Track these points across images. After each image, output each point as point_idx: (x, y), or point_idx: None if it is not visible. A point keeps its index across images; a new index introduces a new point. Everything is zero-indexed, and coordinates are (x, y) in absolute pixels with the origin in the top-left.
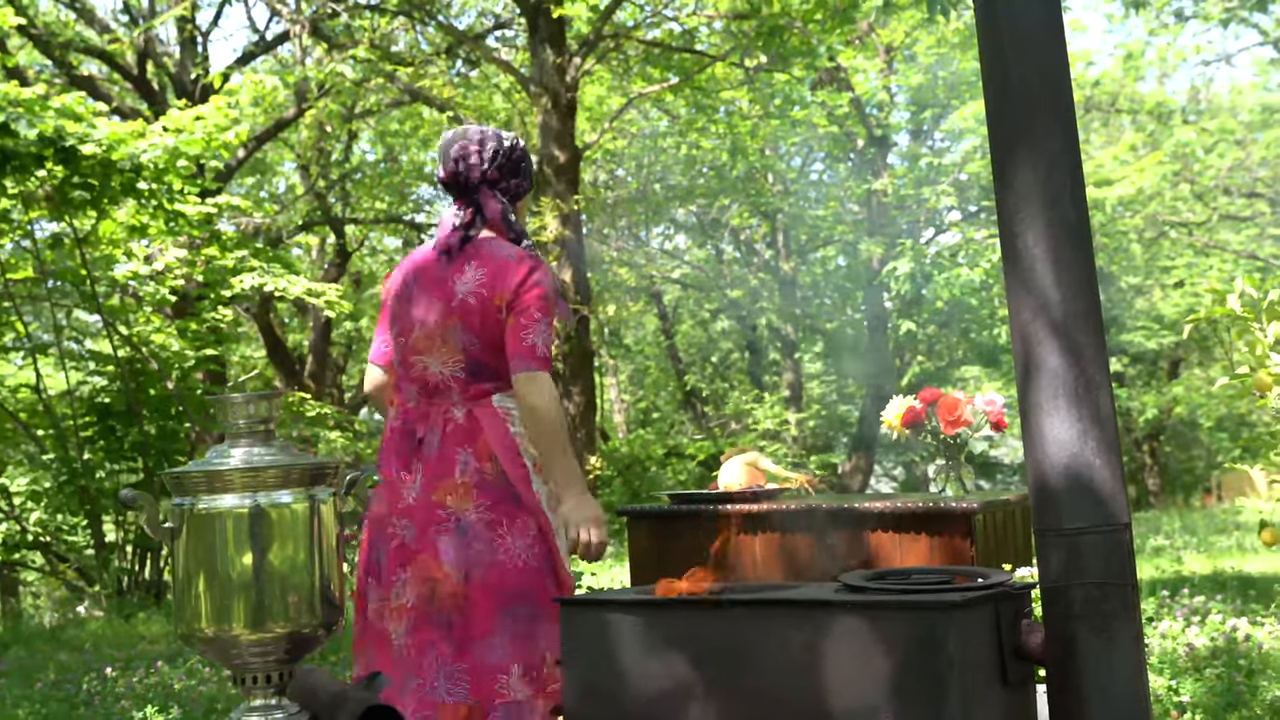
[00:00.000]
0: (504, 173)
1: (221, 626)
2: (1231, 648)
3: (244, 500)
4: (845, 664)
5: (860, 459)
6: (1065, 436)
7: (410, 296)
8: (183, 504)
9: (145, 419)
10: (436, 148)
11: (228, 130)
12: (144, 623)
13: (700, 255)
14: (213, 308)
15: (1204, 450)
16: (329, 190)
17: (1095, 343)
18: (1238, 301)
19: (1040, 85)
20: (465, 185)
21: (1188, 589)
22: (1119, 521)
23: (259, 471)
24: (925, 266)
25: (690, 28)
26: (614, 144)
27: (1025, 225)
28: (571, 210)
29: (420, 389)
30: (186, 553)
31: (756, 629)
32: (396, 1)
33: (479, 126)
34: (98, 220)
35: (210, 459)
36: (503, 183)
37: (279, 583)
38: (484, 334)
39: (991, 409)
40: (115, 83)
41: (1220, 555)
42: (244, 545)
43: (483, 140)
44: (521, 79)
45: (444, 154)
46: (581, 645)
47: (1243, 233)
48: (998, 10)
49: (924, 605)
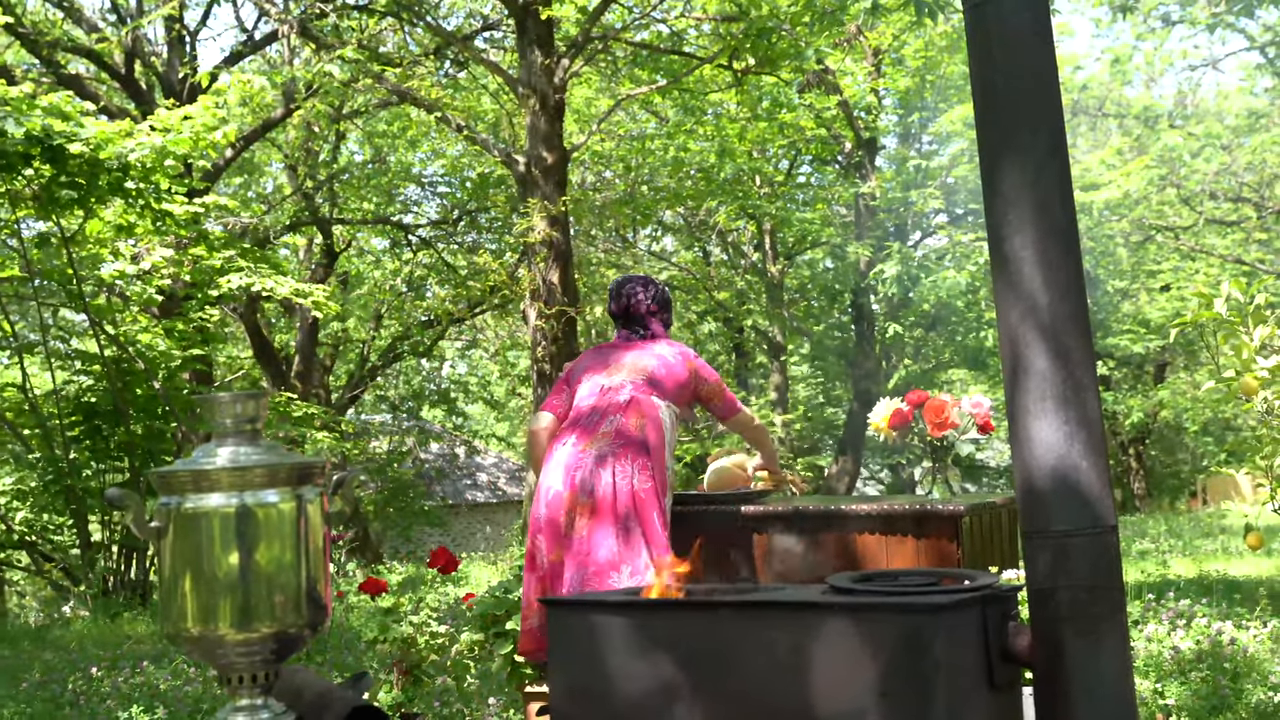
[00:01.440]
0: (661, 308)
1: (207, 626)
2: (1216, 651)
3: (230, 499)
4: (832, 666)
5: (847, 461)
6: (1052, 439)
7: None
8: (169, 503)
9: (131, 418)
10: (607, 289)
11: (215, 130)
12: (129, 622)
13: (688, 257)
14: (199, 307)
15: (1189, 454)
16: (316, 190)
17: (1083, 345)
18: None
19: (1028, 91)
20: (633, 316)
21: (1173, 592)
22: (1106, 524)
23: (245, 471)
24: (912, 269)
25: (678, 30)
26: (602, 146)
27: (1013, 229)
28: (559, 211)
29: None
30: (173, 552)
31: (744, 631)
32: (385, 2)
33: (641, 275)
34: (85, 219)
35: (197, 458)
36: (661, 314)
37: (265, 582)
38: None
39: (978, 411)
40: (103, 82)
41: (1206, 559)
42: (230, 545)
43: (646, 284)
44: (510, 80)
45: (617, 293)
46: (569, 646)
47: (1229, 237)
48: (987, 16)
49: (911, 607)
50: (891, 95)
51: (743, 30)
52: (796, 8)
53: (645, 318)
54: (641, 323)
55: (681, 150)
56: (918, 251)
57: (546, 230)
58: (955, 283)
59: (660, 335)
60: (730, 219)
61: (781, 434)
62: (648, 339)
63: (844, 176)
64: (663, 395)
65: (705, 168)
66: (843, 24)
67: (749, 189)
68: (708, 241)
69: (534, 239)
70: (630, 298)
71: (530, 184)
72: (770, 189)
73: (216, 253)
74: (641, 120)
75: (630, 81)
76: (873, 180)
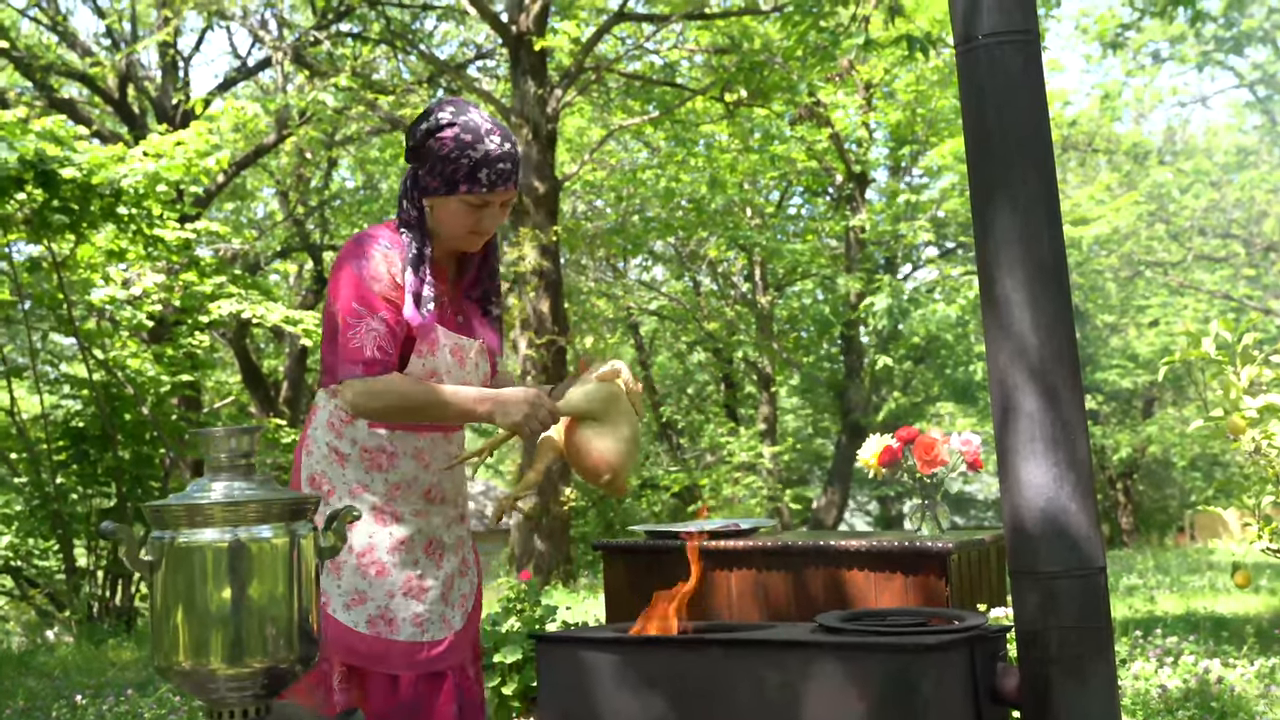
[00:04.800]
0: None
1: (199, 660)
2: (1204, 689)
3: (224, 534)
4: (820, 705)
5: (835, 493)
6: (1041, 480)
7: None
8: (162, 537)
9: (120, 444)
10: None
11: (208, 156)
12: (115, 649)
13: (678, 287)
14: (189, 333)
15: (1178, 490)
16: (308, 217)
17: (1072, 386)
18: (1212, 345)
19: (1020, 131)
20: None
21: (1161, 629)
22: (1094, 565)
23: (239, 506)
24: (902, 302)
25: (671, 62)
26: (593, 175)
27: (1004, 270)
28: (550, 241)
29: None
30: (165, 586)
31: (732, 669)
32: (379, 30)
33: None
34: (76, 244)
35: (191, 492)
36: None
37: (257, 617)
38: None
39: (968, 449)
40: (96, 106)
41: (1193, 595)
42: (223, 579)
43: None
44: (502, 109)
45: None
46: (557, 682)
47: (1217, 273)
48: (978, 57)
49: (899, 647)
50: (883, 128)
51: (735, 63)
52: (789, 42)
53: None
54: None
55: (673, 181)
56: (908, 284)
57: (537, 259)
58: (945, 316)
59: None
60: (721, 250)
61: (770, 465)
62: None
63: (835, 209)
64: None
65: (696, 198)
66: (835, 58)
67: (740, 220)
68: (698, 272)
69: (525, 268)
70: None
71: (521, 213)
72: (761, 220)
73: (207, 278)
74: (633, 150)
75: (623, 112)
76: (863, 213)
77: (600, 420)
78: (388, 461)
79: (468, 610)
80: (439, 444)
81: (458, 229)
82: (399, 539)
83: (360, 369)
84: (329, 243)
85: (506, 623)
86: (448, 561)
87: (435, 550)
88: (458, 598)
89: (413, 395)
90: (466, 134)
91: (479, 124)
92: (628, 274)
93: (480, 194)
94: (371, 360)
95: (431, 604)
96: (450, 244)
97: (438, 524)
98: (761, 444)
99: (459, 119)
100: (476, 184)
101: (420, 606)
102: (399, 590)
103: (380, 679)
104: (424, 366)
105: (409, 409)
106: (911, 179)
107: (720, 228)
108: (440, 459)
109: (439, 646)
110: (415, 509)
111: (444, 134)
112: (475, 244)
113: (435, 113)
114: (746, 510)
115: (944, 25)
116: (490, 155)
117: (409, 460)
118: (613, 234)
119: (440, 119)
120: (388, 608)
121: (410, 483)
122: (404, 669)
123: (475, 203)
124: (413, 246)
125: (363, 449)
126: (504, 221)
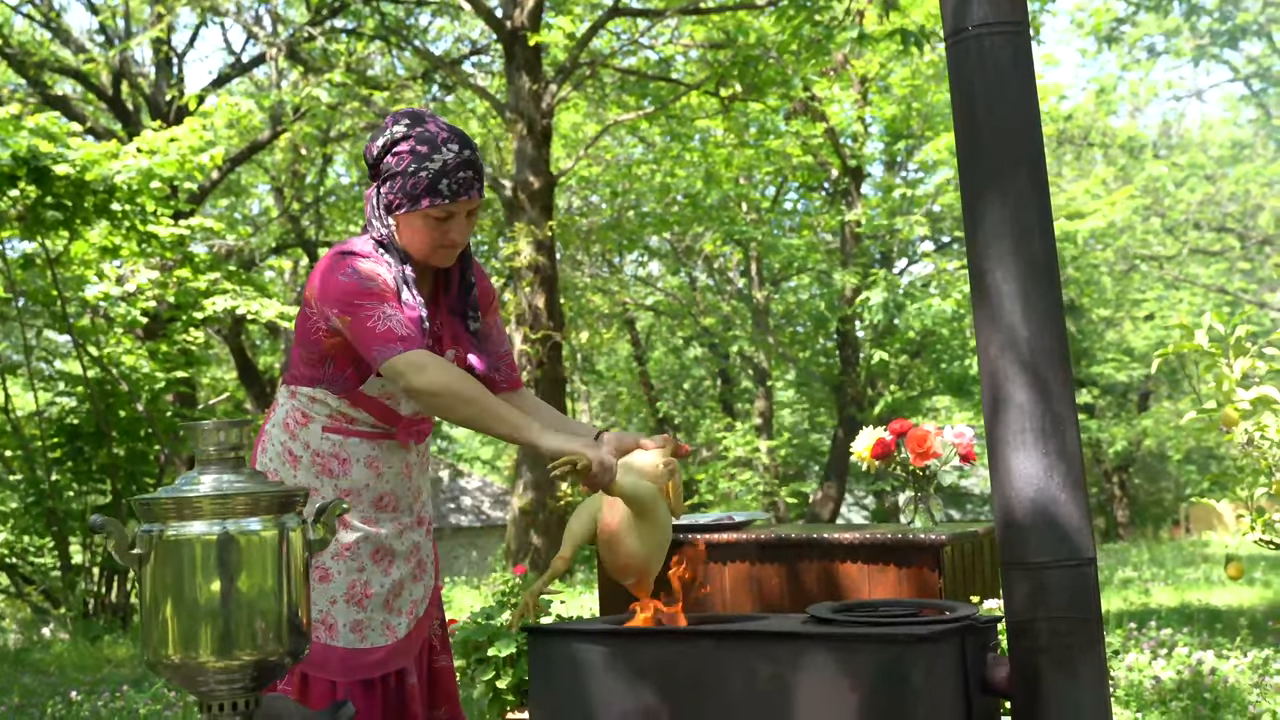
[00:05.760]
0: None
1: (188, 653)
2: (1197, 681)
3: (213, 527)
4: (812, 696)
5: (831, 487)
6: (1032, 471)
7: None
8: (151, 530)
9: (114, 441)
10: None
11: (202, 152)
12: (110, 646)
13: (673, 283)
14: (184, 330)
15: (1173, 482)
16: (303, 213)
17: (1062, 379)
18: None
19: (1010, 124)
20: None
21: (1155, 621)
22: (1084, 556)
23: (228, 499)
24: (898, 296)
25: (666, 56)
26: (589, 171)
27: (994, 262)
28: (545, 236)
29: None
30: (154, 579)
31: (724, 660)
32: (373, 26)
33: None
34: (70, 240)
35: (180, 485)
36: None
37: (246, 610)
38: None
39: (960, 441)
40: (90, 103)
41: (1187, 588)
42: (212, 572)
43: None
44: (497, 105)
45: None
46: (549, 674)
47: (1212, 267)
48: (968, 49)
49: (890, 638)
50: (878, 123)
51: (730, 58)
52: (784, 36)
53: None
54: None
55: (668, 176)
56: (903, 279)
57: (533, 255)
58: (940, 310)
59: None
60: (716, 245)
61: (766, 460)
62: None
63: (830, 203)
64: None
65: (692, 193)
66: (829, 52)
67: (735, 215)
68: (694, 267)
69: (520, 263)
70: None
71: (517, 208)
72: (756, 215)
73: (201, 275)
74: (628, 146)
75: (618, 107)
76: (859, 207)
77: (640, 518)
78: (339, 467)
79: (418, 615)
80: (394, 451)
81: (426, 244)
82: (344, 545)
83: (400, 345)
84: (324, 239)
85: (500, 617)
86: (396, 568)
87: (383, 557)
88: (406, 604)
89: (466, 384)
90: (422, 145)
91: (434, 133)
92: (623, 269)
93: (443, 205)
94: (408, 337)
95: (373, 610)
96: (422, 260)
97: (388, 532)
98: (758, 439)
99: (414, 130)
100: (438, 195)
101: (361, 613)
102: (341, 596)
103: (321, 684)
104: (382, 388)
105: (462, 397)
106: (907, 173)
107: (716, 223)
108: (395, 467)
109: (378, 653)
110: (364, 516)
111: (400, 148)
112: (447, 258)
113: (389, 127)
114: (743, 506)
115: (938, 19)
116: (448, 165)
117: (361, 467)
118: (608, 229)
119: (395, 133)
120: (328, 613)
121: (361, 490)
122: (341, 675)
123: (439, 215)
124: (397, 266)
125: (314, 453)
126: (472, 232)
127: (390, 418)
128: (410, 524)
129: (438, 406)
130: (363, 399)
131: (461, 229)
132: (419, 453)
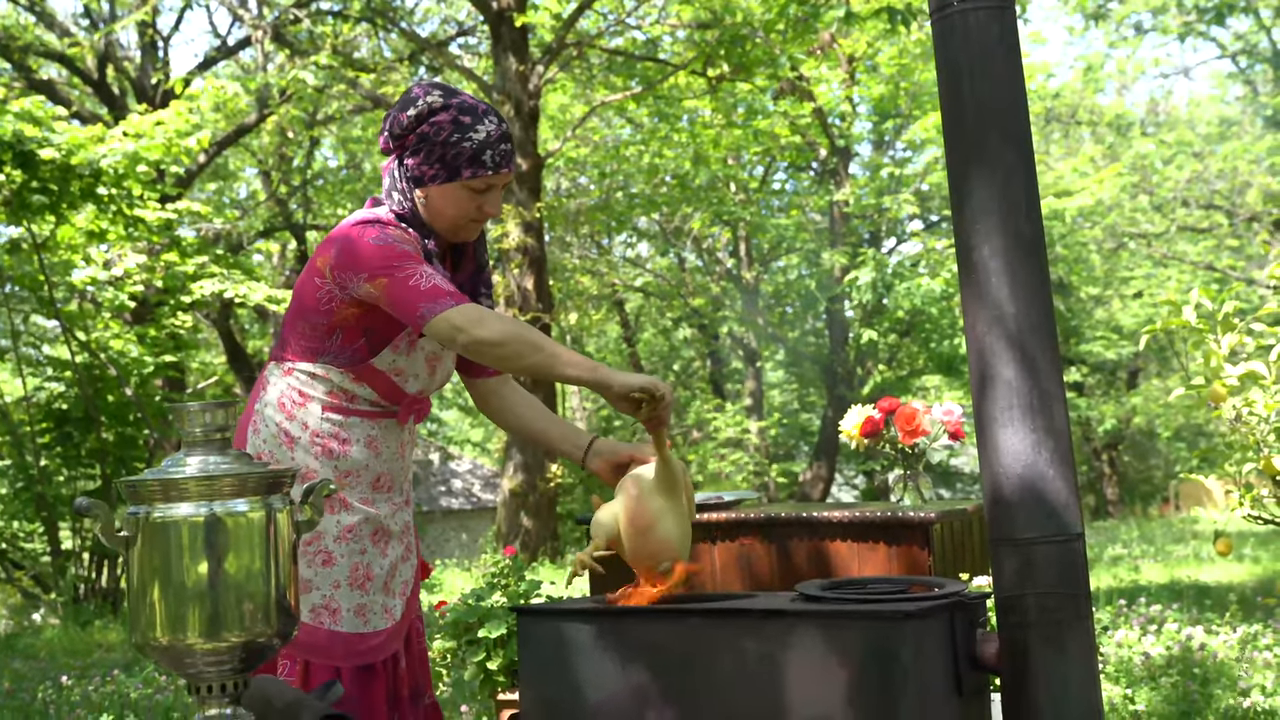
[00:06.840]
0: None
1: (176, 635)
2: (1187, 656)
3: (199, 509)
4: (800, 673)
5: (821, 467)
6: (1020, 448)
7: None
8: (137, 512)
9: (103, 425)
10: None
11: (189, 136)
12: (100, 631)
13: (662, 264)
14: (172, 314)
15: (1162, 460)
16: (290, 196)
17: (1050, 356)
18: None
19: (996, 100)
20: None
21: (1144, 598)
22: (1072, 532)
23: (215, 480)
24: (887, 276)
25: (653, 37)
26: (576, 152)
27: (981, 239)
28: (534, 218)
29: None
30: (141, 561)
31: (713, 638)
32: (359, 8)
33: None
34: (56, 225)
35: (166, 467)
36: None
37: (234, 591)
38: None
39: (949, 419)
40: (75, 87)
41: (1177, 564)
42: (199, 554)
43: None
44: (484, 86)
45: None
46: (538, 655)
47: (1200, 244)
48: (953, 24)
49: (878, 615)
50: (866, 102)
51: (717, 37)
52: (770, 15)
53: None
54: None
55: (656, 157)
56: (892, 258)
57: (521, 236)
58: (929, 289)
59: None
60: (705, 225)
61: (757, 440)
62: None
63: (818, 183)
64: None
65: (680, 174)
66: (816, 31)
67: (724, 195)
68: (683, 248)
69: (508, 245)
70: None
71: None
72: (745, 195)
73: (189, 259)
74: (616, 126)
75: (605, 88)
76: (847, 187)
77: (673, 497)
78: (339, 448)
79: (407, 597)
80: (392, 431)
81: (459, 217)
82: (346, 527)
83: (450, 299)
84: (312, 222)
85: (491, 598)
86: (392, 549)
87: (381, 539)
88: (399, 585)
89: (531, 331)
90: (465, 115)
91: (474, 104)
92: (612, 250)
93: (485, 177)
94: (455, 292)
95: (374, 593)
96: (447, 234)
97: (384, 512)
98: (748, 419)
99: (453, 101)
100: (481, 167)
101: (364, 597)
102: (344, 580)
103: (323, 671)
104: (393, 363)
105: (530, 343)
106: (895, 153)
107: (704, 203)
108: (392, 446)
109: (379, 637)
110: (362, 496)
111: (439, 118)
112: (474, 232)
113: (423, 97)
114: (733, 486)
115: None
116: (492, 136)
117: (360, 447)
118: (596, 210)
119: (431, 103)
120: (332, 598)
121: (360, 470)
122: (345, 660)
123: (479, 187)
124: (423, 241)
125: (314, 434)
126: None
127: (395, 394)
128: (401, 503)
129: (503, 355)
130: (368, 373)
131: (495, 202)
132: (410, 431)
